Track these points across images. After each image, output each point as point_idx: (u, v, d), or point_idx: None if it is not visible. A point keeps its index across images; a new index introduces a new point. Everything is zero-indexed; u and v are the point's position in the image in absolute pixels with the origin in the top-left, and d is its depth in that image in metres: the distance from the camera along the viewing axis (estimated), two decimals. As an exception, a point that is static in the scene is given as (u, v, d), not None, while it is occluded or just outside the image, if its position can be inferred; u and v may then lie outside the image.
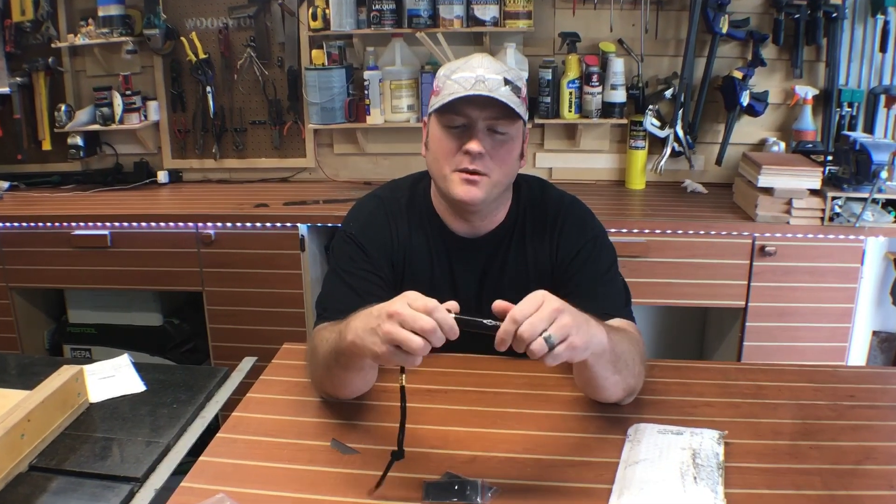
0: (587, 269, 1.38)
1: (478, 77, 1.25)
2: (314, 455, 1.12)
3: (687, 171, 2.72)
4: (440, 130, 1.30)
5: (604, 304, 1.32)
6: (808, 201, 2.24)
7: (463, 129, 1.28)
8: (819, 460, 1.09)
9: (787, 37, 2.54)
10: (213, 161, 2.93)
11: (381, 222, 1.41)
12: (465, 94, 1.24)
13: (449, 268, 1.42)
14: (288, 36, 2.77)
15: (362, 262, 1.37)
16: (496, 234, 1.41)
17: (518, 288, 1.39)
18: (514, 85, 1.27)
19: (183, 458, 1.20)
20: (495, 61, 1.30)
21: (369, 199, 1.46)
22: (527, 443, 1.13)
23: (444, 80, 1.30)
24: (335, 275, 1.39)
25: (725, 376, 1.36)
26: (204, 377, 1.46)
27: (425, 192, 1.44)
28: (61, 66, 2.89)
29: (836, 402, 1.26)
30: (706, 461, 1.05)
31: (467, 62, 1.29)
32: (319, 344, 1.21)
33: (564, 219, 1.40)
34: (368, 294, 1.31)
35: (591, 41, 2.65)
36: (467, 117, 1.27)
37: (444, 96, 1.27)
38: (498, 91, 1.25)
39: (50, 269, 2.57)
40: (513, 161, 1.33)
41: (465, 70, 1.28)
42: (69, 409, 1.28)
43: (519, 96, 1.28)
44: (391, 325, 0.98)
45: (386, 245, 1.40)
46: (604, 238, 1.42)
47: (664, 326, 2.89)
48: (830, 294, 2.29)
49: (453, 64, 1.32)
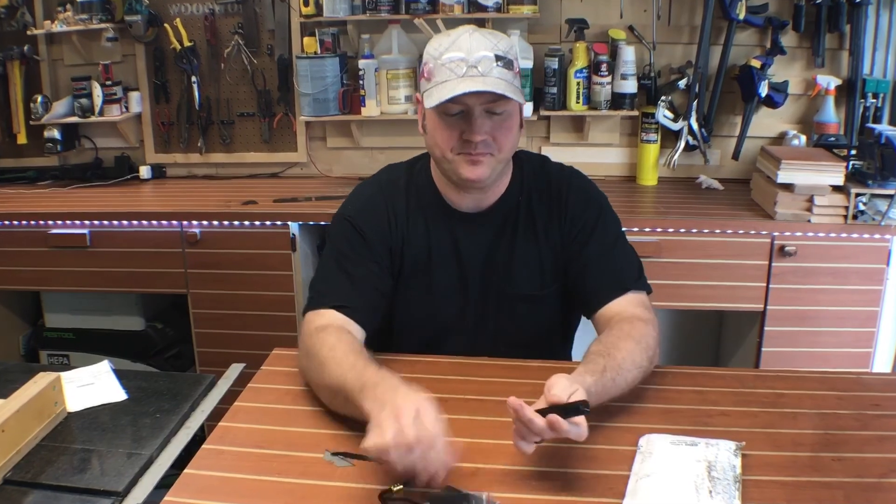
0: (594, 240, 1.44)
1: (468, 61, 1.29)
2: (307, 468, 1.12)
3: (702, 166, 2.72)
4: (437, 118, 1.35)
5: (615, 278, 1.41)
6: (830, 198, 2.24)
7: (461, 115, 1.33)
8: (842, 473, 1.09)
9: (808, 23, 2.54)
10: (198, 155, 2.93)
11: (380, 208, 1.46)
12: (457, 93, 1.27)
13: (453, 244, 1.47)
14: (278, 22, 2.77)
15: (360, 246, 1.43)
16: (500, 207, 1.47)
17: (528, 259, 1.44)
18: (506, 59, 1.31)
19: (166, 471, 1.20)
20: (483, 34, 1.34)
21: (367, 184, 1.53)
22: (532, 455, 1.12)
23: (434, 63, 1.33)
24: (331, 258, 1.45)
25: (742, 384, 1.36)
26: (189, 385, 1.46)
27: (424, 171, 1.50)
28: (37, 54, 2.89)
29: (861, 411, 1.26)
30: (722, 474, 1.05)
31: (455, 40, 1.32)
32: (322, 353, 1.24)
33: (569, 189, 1.47)
34: (364, 282, 1.39)
35: (600, 28, 2.65)
36: (464, 105, 1.31)
37: (437, 86, 1.31)
38: (491, 73, 1.29)
39: (25, 271, 2.57)
40: (514, 134, 1.38)
41: (453, 50, 1.31)
42: (46, 419, 1.28)
43: (512, 69, 1.33)
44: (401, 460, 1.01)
45: (384, 231, 1.45)
46: (608, 207, 1.50)
47: (677, 331, 2.89)
48: (854, 297, 2.28)
49: (440, 40, 1.35)
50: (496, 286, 1.48)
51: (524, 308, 1.49)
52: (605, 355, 1.23)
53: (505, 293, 1.48)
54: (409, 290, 1.48)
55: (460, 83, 1.28)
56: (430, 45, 1.36)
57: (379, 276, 1.43)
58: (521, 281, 1.47)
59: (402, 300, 1.48)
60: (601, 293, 1.41)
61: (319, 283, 1.43)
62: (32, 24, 2.83)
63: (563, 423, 1.01)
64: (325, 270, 1.44)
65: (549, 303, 1.51)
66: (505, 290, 1.48)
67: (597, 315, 1.42)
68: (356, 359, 1.21)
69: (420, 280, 1.47)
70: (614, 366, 1.21)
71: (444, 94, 1.29)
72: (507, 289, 1.48)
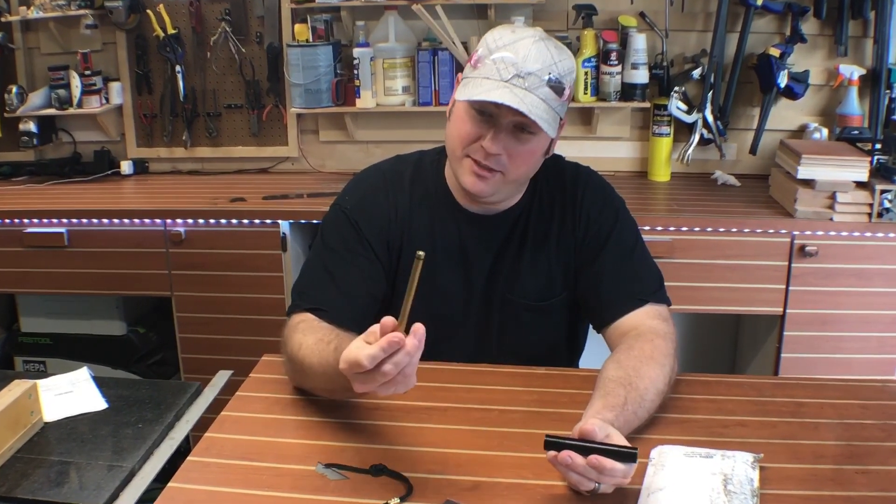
0: (612, 246, 1.43)
1: (519, 69, 1.26)
2: (298, 481, 1.12)
3: (717, 161, 2.72)
4: (465, 110, 1.33)
5: (633, 289, 1.39)
6: (853, 195, 2.24)
7: (488, 118, 1.30)
8: (866, 487, 1.09)
9: (830, 9, 2.54)
10: (183, 150, 2.93)
11: (381, 197, 1.46)
12: (490, 99, 1.25)
13: (459, 245, 1.46)
14: (267, 8, 2.77)
15: (354, 242, 1.42)
16: (512, 212, 1.46)
17: (536, 267, 1.43)
18: (558, 83, 1.28)
19: (149, 484, 1.21)
20: (549, 46, 1.30)
21: (371, 171, 1.52)
22: (536, 467, 1.13)
23: (486, 52, 1.31)
24: (319, 257, 1.44)
25: (760, 392, 1.36)
26: (173, 393, 1.47)
27: (434, 166, 1.49)
28: (12, 42, 2.89)
29: (886, 421, 1.26)
30: (739, 488, 1.05)
31: (517, 40, 1.29)
32: (302, 353, 1.24)
33: (584, 191, 1.46)
34: (352, 288, 1.38)
35: (610, 14, 2.65)
36: (493, 111, 1.29)
37: (476, 80, 1.29)
38: (536, 90, 1.26)
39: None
40: (535, 160, 1.37)
41: (510, 49, 1.28)
42: (21, 430, 1.28)
43: (561, 95, 1.30)
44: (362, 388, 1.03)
45: (383, 223, 1.44)
46: (625, 211, 1.49)
47: (692, 336, 2.89)
48: (879, 299, 2.29)
49: (502, 32, 1.32)
50: (500, 293, 1.48)
51: (528, 317, 1.49)
52: (627, 385, 1.19)
53: (509, 301, 1.48)
54: None
55: (499, 88, 1.26)
56: (492, 33, 1.33)
57: (370, 277, 1.42)
58: (527, 289, 1.47)
59: (401, 297, 1.48)
60: (616, 304, 1.40)
61: (304, 285, 1.43)
62: (7, 10, 2.83)
63: (612, 463, 1.00)
64: (311, 271, 1.44)
65: (556, 313, 1.50)
66: (509, 298, 1.48)
67: (610, 328, 1.40)
68: (325, 343, 1.21)
69: (424, 276, 1.47)
70: (636, 398, 1.18)
71: (478, 93, 1.27)
72: (512, 297, 1.47)
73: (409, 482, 1.08)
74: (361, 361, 0.99)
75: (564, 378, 1.41)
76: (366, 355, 0.99)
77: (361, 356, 0.99)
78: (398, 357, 0.99)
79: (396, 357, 0.99)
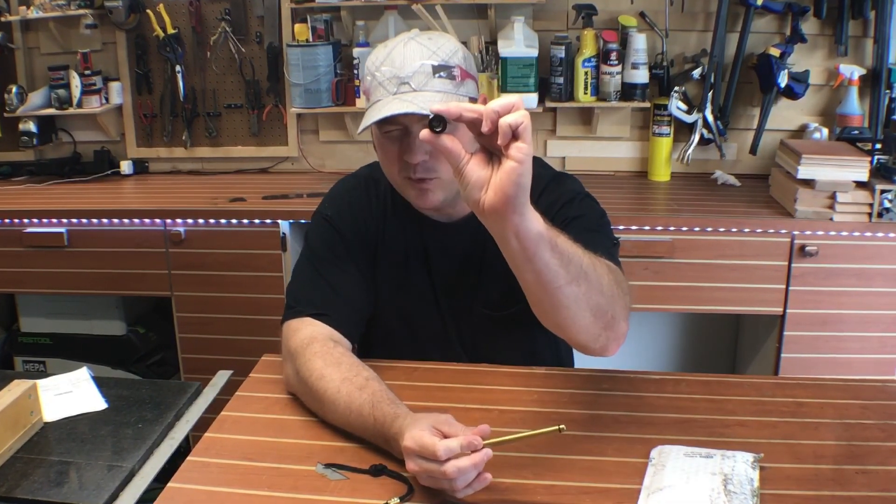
0: (573, 225, 1.31)
1: (400, 77, 1.26)
2: (298, 481, 1.12)
3: (717, 161, 2.72)
4: (378, 137, 1.34)
5: (588, 247, 1.20)
6: (854, 195, 2.24)
7: (402, 134, 1.30)
8: (867, 487, 1.09)
9: (830, 9, 2.54)
10: (183, 150, 2.93)
11: (360, 203, 1.47)
12: (383, 115, 1.24)
13: (423, 252, 1.46)
14: (267, 8, 2.77)
15: (338, 246, 1.43)
16: (473, 217, 1.39)
17: (498, 277, 1.38)
18: (448, 68, 1.27)
19: (149, 484, 1.21)
20: (421, 41, 1.29)
21: (349, 179, 1.55)
22: (536, 467, 1.13)
23: (370, 78, 1.31)
24: (308, 262, 1.45)
25: (761, 392, 1.36)
26: (173, 393, 1.47)
27: None
28: (12, 42, 2.89)
29: (887, 421, 1.26)
30: (739, 488, 1.05)
31: (389, 52, 1.29)
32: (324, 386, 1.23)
33: (543, 191, 1.38)
34: (347, 292, 1.39)
35: (610, 14, 2.65)
36: (400, 124, 1.28)
37: (371, 106, 1.29)
38: (426, 87, 1.25)
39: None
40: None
41: (387, 64, 1.28)
42: (21, 430, 1.28)
43: (455, 78, 1.28)
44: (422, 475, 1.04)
45: (361, 228, 1.45)
46: (589, 198, 1.43)
47: (691, 336, 2.89)
48: (879, 299, 2.29)
49: (377, 53, 1.32)
50: (467, 302, 1.46)
51: (496, 325, 1.46)
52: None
53: (476, 311, 1.46)
54: (387, 291, 1.47)
55: (389, 103, 1.25)
56: (369, 58, 1.34)
57: (361, 281, 1.43)
58: (491, 297, 1.44)
59: (381, 301, 1.48)
60: None
61: (297, 290, 1.42)
62: (6, 9, 2.83)
63: None
64: (302, 276, 1.44)
65: (526, 318, 1.46)
66: (474, 307, 1.46)
67: None
68: (356, 388, 1.20)
69: (398, 282, 1.47)
70: (581, 250, 1.09)
71: (372, 116, 1.27)
72: (477, 305, 1.46)
73: (409, 482, 1.08)
74: (437, 451, 1.00)
75: (564, 378, 1.41)
76: (444, 447, 1.00)
77: (439, 447, 1.00)
78: (464, 463, 1.01)
79: (462, 463, 1.01)
